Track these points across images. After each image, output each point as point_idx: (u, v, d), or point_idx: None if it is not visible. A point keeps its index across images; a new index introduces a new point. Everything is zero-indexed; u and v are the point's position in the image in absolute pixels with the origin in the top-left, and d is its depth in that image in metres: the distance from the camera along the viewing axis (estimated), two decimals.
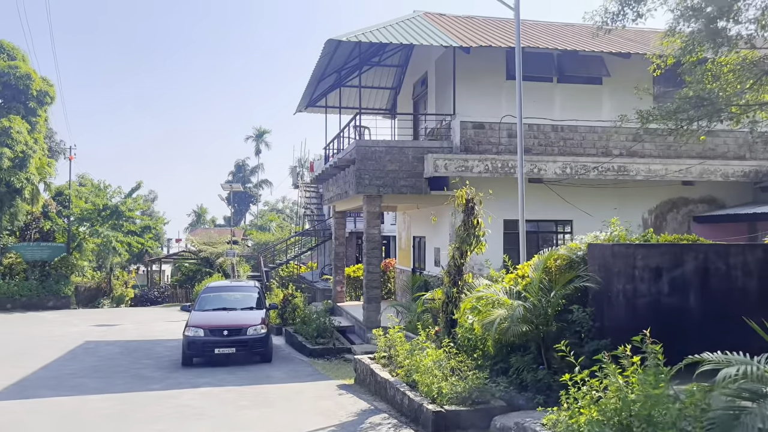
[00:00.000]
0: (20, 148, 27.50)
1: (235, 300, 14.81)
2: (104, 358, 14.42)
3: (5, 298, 27.16)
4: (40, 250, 29.59)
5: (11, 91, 28.74)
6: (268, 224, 61.81)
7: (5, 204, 28.07)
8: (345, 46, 15.98)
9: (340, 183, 18.31)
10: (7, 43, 29.63)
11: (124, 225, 32.46)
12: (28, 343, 17.03)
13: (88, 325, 21.66)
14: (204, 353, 13.07)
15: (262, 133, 74.60)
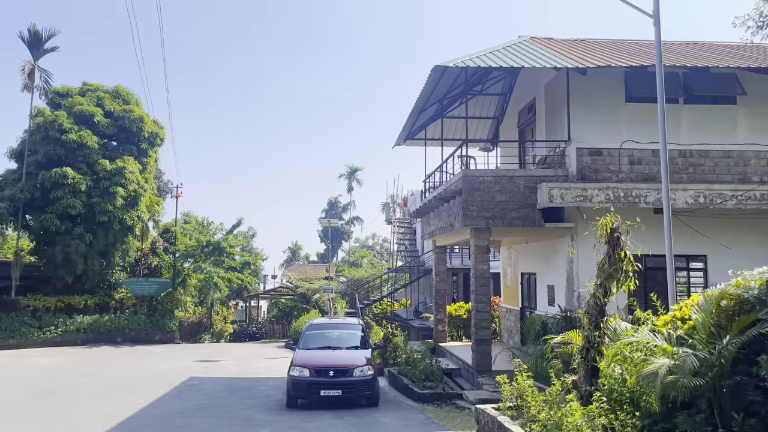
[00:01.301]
0: (132, 188, 28.87)
1: (340, 338, 14.21)
2: (209, 396, 14.17)
3: (116, 332, 28.20)
4: (148, 285, 30.71)
5: (126, 134, 30.43)
6: (360, 260, 61.91)
7: (118, 241, 29.44)
8: (450, 73, 15.39)
9: (444, 216, 17.51)
10: (122, 88, 31.57)
11: (225, 261, 33.23)
12: (136, 378, 17.22)
13: (191, 360, 21.85)
14: (309, 395, 12.48)
15: (354, 170, 75.69)
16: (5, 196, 27.25)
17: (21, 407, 12.82)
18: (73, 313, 27.80)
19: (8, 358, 21.83)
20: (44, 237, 28.60)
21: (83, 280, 29.04)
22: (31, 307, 26.73)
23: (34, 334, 25.93)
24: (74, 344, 26.64)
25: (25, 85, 29.22)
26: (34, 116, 28.82)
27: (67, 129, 27.87)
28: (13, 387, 15.45)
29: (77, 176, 27.27)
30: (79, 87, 30.83)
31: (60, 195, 27.12)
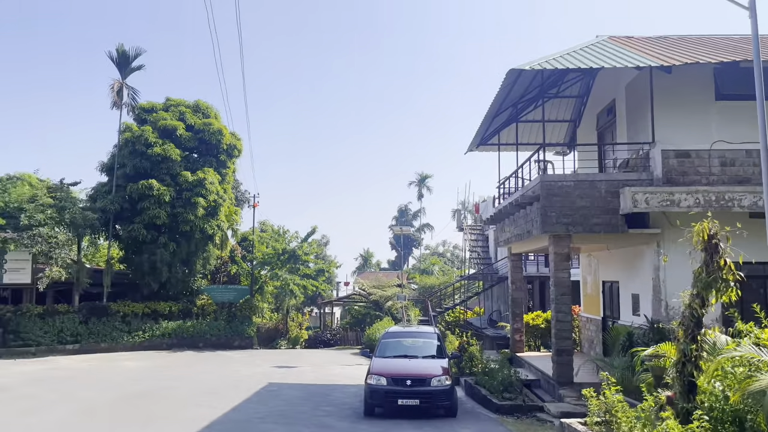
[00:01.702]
0: (212, 198, 29.98)
1: (416, 347, 14.10)
2: (288, 403, 14.40)
3: (198, 337, 29.28)
4: (228, 292, 31.73)
5: (205, 146, 31.66)
6: (431, 268, 61.68)
7: (199, 249, 30.63)
8: (525, 76, 15.05)
9: (520, 223, 17.11)
10: (202, 102, 32.90)
11: (300, 268, 33.88)
12: (218, 382, 17.75)
13: (269, 366, 22.33)
14: (386, 404, 12.43)
15: (425, 178, 75.61)
16: (97, 207, 28.91)
17: (113, 409, 13.47)
18: (159, 319, 29.10)
19: (101, 361, 23.06)
20: (132, 246, 30.14)
21: (167, 287, 30.36)
22: (121, 313, 28.18)
23: (123, 338, 27.31)
24: (160, 348, 27.84)
25: (114, 103, 30.93)
26: (123, 132, 30.48)
27: (153, 143, 29.30)
28: (106, 389, 16.27)
29: (162, 188, 28.60)
30: (163, 102, 32.37)
31: (146, 206, 28.52)
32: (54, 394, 15.33)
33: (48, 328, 25.77)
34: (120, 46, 30.64)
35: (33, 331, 25.34)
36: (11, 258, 26.13)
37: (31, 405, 13.76)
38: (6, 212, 26.03)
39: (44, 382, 17.46)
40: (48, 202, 26.79)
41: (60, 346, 25.60)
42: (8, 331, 25.30)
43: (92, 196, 31.05)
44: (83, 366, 21.62)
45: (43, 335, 25.48)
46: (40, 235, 25.91)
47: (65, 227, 27.65)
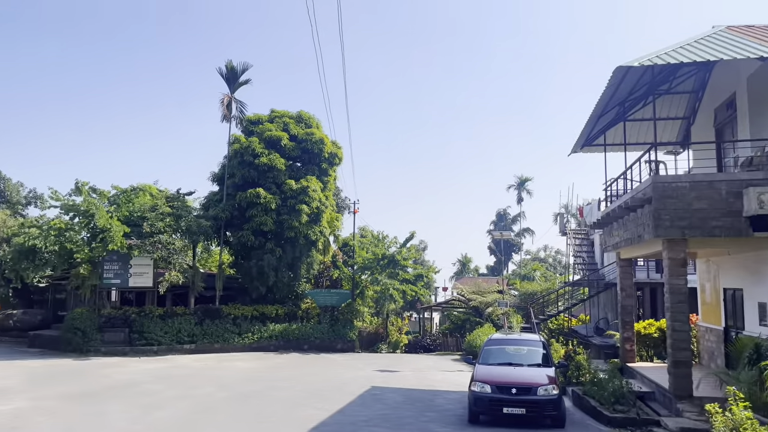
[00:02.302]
0: (315, 205, 30.97)
1: (521, 355, 13.80)
2: (391, 407, 14.56)
3: (303, 340, 30.28)
4: (330, 296, 32.59)
5: (308, 155, 32.78)
6: (532, 273, 60.10)
7: (303, 254, 31.72)
8: (633, 73, 14.40)
9: (630, 226, 16.29)
10: (305, 113, 34.10)
11: (399, 273, 34.15)
12: (323, 385, 18.26)
13: (371, 370, 22.67)
14: (491, 411, 12.25)
15: (524, 181, 73.86)
16: (210, 215, 30.72)
17: (229, 406, 14.23)
18: (266, 321, 30.38)
19: (214, 361, 24.44)
20: (241, 251, 31.72)
21: (274, 291, 31.65)
22: (232, 315, 29.71)
23: (234, 339, 28.76)
24: (267, 350, 29.06)
25: (224, 116, 32.77)
26: (232, 143, 32.21)
27: (259, 153, 30.73)
28: (221, 388, 17.22)
29: (268, 196, 29.92)
30: (268, 114, 33.87)
31: (254, 213, 29.94)
32: (175, 391, 16.42)
33: (168, 328, 27.63)
34: (229, 63, 32.47)
35: (154, 331, 27.27)
36: (136, 263, 28.29)
37: (157, 400, 14.83)
38: (131, 221, 28.17)
39: (166, 380, 18.74)
40: (167, 211, 28.78)
41: (178, 346, 27.38)
42: (133, 330, 27.39)
43: (205, 204, 33.04)
44: (199, 365, 22.99)
45: (164, 335, 27.36)
46: (160, 241, 27.88)
47: (182, 234, 29.59)
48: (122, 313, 28.23)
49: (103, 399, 14.93)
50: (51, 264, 27.47)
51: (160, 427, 11.77)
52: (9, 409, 13.38)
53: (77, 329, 26.42)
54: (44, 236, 26.47)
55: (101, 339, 26.67)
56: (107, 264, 27.74)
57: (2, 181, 45.90)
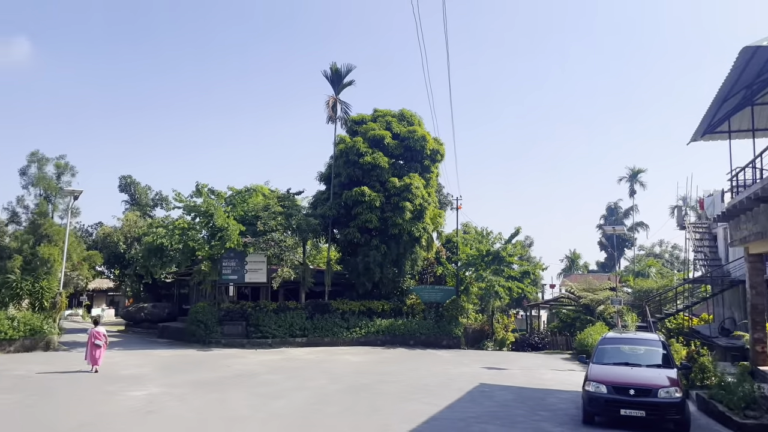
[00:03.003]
0: (418, 202, 31.20)
1: (638, 355, 13.15)
2: (500, 405, 14.40)
3: (408, 335, 30.64)
4: (435, 292, 32.72)
5: (410, 153, 33.06)
6: (647, 270, 56.84)
7: (407, 251, 32.07)
8: (762, 53, 13.28)
9: (761, 219, 15.06)
10: (407, 111, 34.42)
11: (504, 270, 33.64)
12: (430, 380, 18.39)
13: (478, 367, 22.53)
14: (607, 412, 11.79)
15: (637, 172, 70.09)
16: (318, 214, 31.83)
17: (342, 397, 14.70)
18: (373, 317, 31.05)
19: (325, 354, 25.30)
20: (348, 248, 32.59)
21: (380, 287, 32.26)
22: (340, 310, 30.62)
23: (343, 333, 29.62)
24: (374, 344, 29.67)
25: (330, 117, 33.78)
26: (337, 144, 33.14)
27: (363, 152, 31.40)
28: (333, 380, 17.81)
29: (372, 194, 30.52)
30: (371, 114, 34.52)
31: (359, 211, 30.66)
32: (290, 382, 17.20)
33: (281, 322, 28.96)
34: (333, 65, 33.41)
35: (269, 324, 28.68)
36: (251, 260, 29.90)
37: (274, 390, 15.61)
38: (246, 220, 29.83)
39: (281, 371, 19.67)
40: (278, 210, 30.15)
41: (291, 339, 28.62)
42: (250, 324, 28.96)
43: (313, 203, 34.28)
44: (311, 357, 23.91)
45: (277, 328, 28.70)
46: (272, 239, 29.28)
47: (292, 232, 30.89)
48: (239, 307, 29.91)
49: (226, 387, 15.92)
50: (176, 261, 29.63)
51: (280, 416, 12.39)
52: (144, 394, 14.62)
53: (200, 322, 28.34)
54: (170, 235, 28.62)
55: (221, 331, 28.42)
56: (225, 261, 29.51)
57: (133, 185, 50.06)
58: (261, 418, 12.12)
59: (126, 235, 41.99)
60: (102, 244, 41.85)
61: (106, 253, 40.80)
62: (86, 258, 33.89)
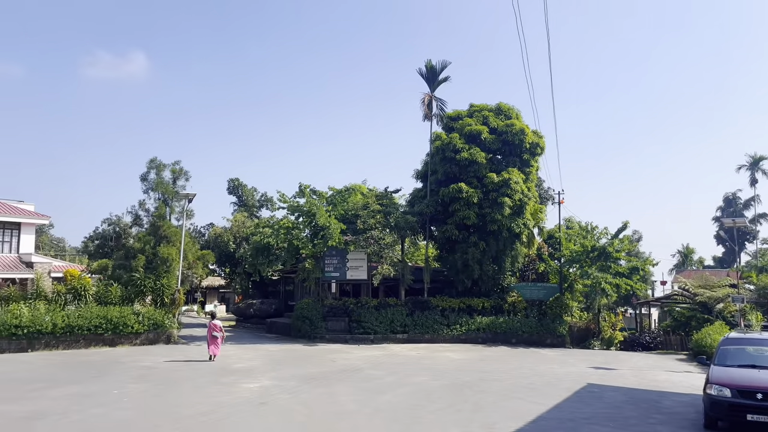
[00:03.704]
0: (517, 197, 30.55)
1: (765, 357, 12.16)
2: (611, 406, 13.83)
3: (510, 333, 30.10)
4: (537, 290, 31.92)
5: (508, 147, 32.42)
6: None
7: (507, 248, 31.49)
8: None
9: None
10: (504, 105, 33.79)
11: (611, 266, 32.21)
12: (534, 379, 17.99)
13: (585, 366, 21.77)
14: (731, 418, 10.99)
15: (758, 160, 64.67)
16: (415, 211, 31.97)
17: (444, 393, 14.72)
18: (473, 314, 30.77)
19: (425, 351, 25.41)
20: (446, 245, 32.51)
21: (479, 284, 31.92)
22: (439, 307, 30.62)
23: (443, 330, 29.59)
24: (475, 342, 29.42)
25: (425, 115, 33.79)
26: (433, 141, 33.12)
27: (460, 148, 31.18)
28: (434, 376, 17.88)
29: (470, 190, 30.23)
30: (467, 109, 34.19)
31: (457, 208, 30.48)
32: (393, 377, 17.44)
33: (382, 318, 29.38)
34: (428, 62, 33.39)
35: (370, 321, 29.19)
36: (352, 257, 30.58)
37: (378, 385, 15.91)
38: (346, 218, 30.54)
39: (384, 366, 19.98)
40: (377, 209, 30.60)
41: (391, 335, 28.97)
42: (352, 320, 29.62)
43: (410, 201, 34.48)
44: (412, 354, 24.10)
45: (378, 325, 29.15)
46: (372, 237, 29.79)
47: (390, 230, 31.25)
48: (342, 304, 30.67)
49: (332, 381, 16.42)
50: (281, 259, 30.87)
51: (385, 410, 12.61)
52: (257, 386, 15.39)
53: (305, 318, 29.36)
54: (275, 235, 29.89)
55: (325, 327, 29.28)
56: (327, 258, 30.37)
57: (240, 187, 52.70)
58: (367, 413, 12.40)
59: (235, 234, 44.29)
60: (214, 244, 44.41)
61: (218, 252, 43.23)
62: (200, 257, 36.06)
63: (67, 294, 25.18)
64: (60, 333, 22.75)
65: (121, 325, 24.13)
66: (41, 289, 25.02)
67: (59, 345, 22.73)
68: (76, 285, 25.43)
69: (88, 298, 25.46)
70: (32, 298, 24.54)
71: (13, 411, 11.86)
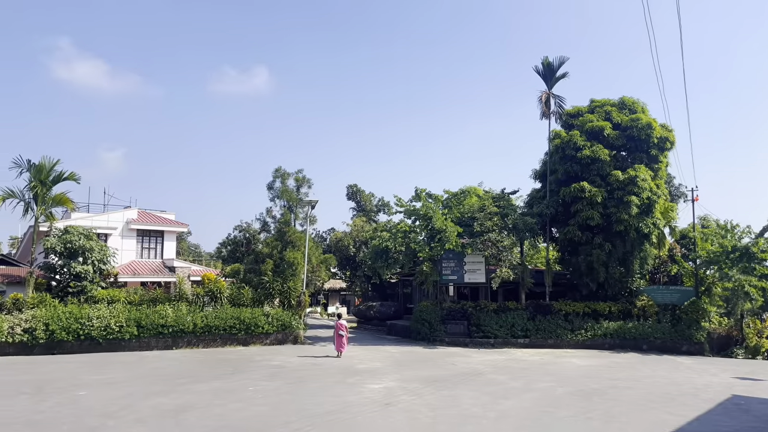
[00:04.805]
0: (645, 195, 28.83)
1: None
2: (761, 420, 12.67)
3: (640, 339, 28.42)
4: (670, 293, 29.90)
5: (633, 143, 30.71)
6: None
7: (635, 249, 29.79)
8: None
9: None
10: (627, 99, 32.08)
11: (756, 268, 29.42)
12: (671, 388, 16.88)
13: (728, 376, 20.08)
14: None
15: None
16: (534, 212, 31.17)
17: (571, 401, 14.22)
18: (599, 319, 29.39)
19: (549, 356, 24.65)
20: (567, 247, 31.36)
21: (605, 288, 30.46)
22: (563, 312, 29.57)
23: (567, 336, 28.53)
24: (602, 348, 28.08)
25: (543, 113, 32.87)
26: (552, 139, 32.13)
27: (581, 146, 29.99)
28: (560, 382, 17.31)
29: (593, 189, 28.98)
30: (587, 105, 32.83)
31: (579, 208, 29.32)
32: (517, 382, 17.12)
33: (502, 322, 28.90)
34: (545, 59, 32.47)
35: (490, 324, 28.82)
36: (469, 260, 30.39)
37: (502, 390, 15.70)
38: (462, 221, 30.41)
39: (506, 371, 19.66)
40: (494, 211, 30.20)
41: (512, 339, 28.40)
42: (471, 323, 29.41)
43: (528, 202, 33.66)
44: (535, 359, 23.49)
45: (498, 329, 28.70)
46: (489, 240, 29.44)
47: (508, 232, 30.68)
48: (460, 307, 30.55)
49: (454, 384, 16.42)
50: (399, 262, 31.32)
51: (511, 416, 12.42)
52: (381, 387, 15.75)
53: (425, 321, 29.59)
54: (393, 238, 30.41)
55: (444, 330, 29.31)
56: (445, 262, 30.40)
57: (358, 193, 54.16)
58: (492, 417, 12.28)
59: (354, 239, 45.58)
60: (335, 248, 45.99)
61: (339, 256, 44.72)
62: (323, 261, 37.50)
63: (204, 296, 27.21)
64: (200, 332, 24.64)
65: (253, 326, 25.69)
66: (183, 292, 27.22)
67: (199, 343, 24.62)
68: (213, 288, 27.40)
69: (223, 300, 27.34)
70: (175, 299, 26.77)
71: (165, 403, 13.03)
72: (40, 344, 22.01)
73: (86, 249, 26.26)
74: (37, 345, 21.99)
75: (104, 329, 22.84)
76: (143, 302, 25.88)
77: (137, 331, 23.47)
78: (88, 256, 26.28)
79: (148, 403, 13.01)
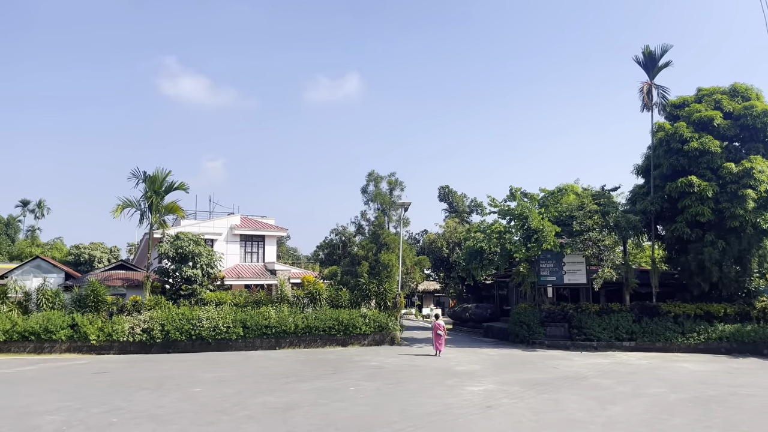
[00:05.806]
0: (763, 188, 26.69)
1: None
2: None
3: (761, 343, 26.24)
4: None
5: (748, 132, 28.54)
6: None
7: (753, 246, 27.63)
8: None
9: None
10: (739, 85, 29.86)
11: None
12: None
13: None
14: None
15: None
16: (637, 210, 29.68)
17: (685, 410, 13.39)
18: (713, 321, 27.51)
19: (658, 360, 23.38)
20: (675, 245, 29.62)
21: (719, 288, 28.48)
22: (671, 313, 27.94)
23: (677, 339, 26.92)
24: (717, 352, 26.27)
25: (645, 105, 31.25)
26: (655, 132, 30.49)
27: (688, 138, 28.26)
28: (672, 388, 16.35)
29: (702, 183, 27.21)
30: (694, 95, 30.89)
31: (687, 203, 27.61)
32: (624, 387, 16.37)
33: (605, 324, 27.73)
34: (646, 48, 30.89)
35: (592, 327, 27.73)
36: (568, 261, 29.44)
37: (608, 395, 15.08)
38: (560, 220, 29.48)
39: (611, 375, 18.85)
40: (594, 209, 29.06)
41: (617, 342, 27.17)
42: (572, 326, 28.45)
43: (631, 198, 32.12)
44: (642, 363, 22.36)
45: (601, 331, 27.57)
46: (590, 239, 28.33)
47: (610, 230, 29.40)
48: (560, 309, 29.64)
49: (556, 388, 15.96)
50: (495, 263, 30.87)
51: (620, 422, 11.90)
52: (480, 390, 15.59)
53: (523, 323, 28.97)
54: (487, 239, 30.01)
55: (544, 332, 28.55)
56: (542, 262, 29.63)
57: (450, 194, 53.96)
58: (600, 423, 11.83)
59: (447, 240, 45.41)
60: (428, 250, 46.03)
61: (432, 258, 44.69)
62: (417, 262, 37.67)
63: (304, 298, 28.12)
64: (301, 333, 25.50)
65: (351, 327, 26.24)
66: (284, 294, 28.28)
67: (300, 344, 25.47)
68: (312, 290, 28.27)
69: (321, 301, 28.14)
70: (277, 301, 27.86)
71: (272, 401, 13.61)
72: (157, 343, 23.65)
73: (195, 254, 27.91)
74: (155, 344, 23.65)
75: (213, 330, 24.17)
76: (248, 304, 27.13)
77: (243, 332, 24.64)
78: (197, 261, 27.91)
79: (257, 400, 13.63)
